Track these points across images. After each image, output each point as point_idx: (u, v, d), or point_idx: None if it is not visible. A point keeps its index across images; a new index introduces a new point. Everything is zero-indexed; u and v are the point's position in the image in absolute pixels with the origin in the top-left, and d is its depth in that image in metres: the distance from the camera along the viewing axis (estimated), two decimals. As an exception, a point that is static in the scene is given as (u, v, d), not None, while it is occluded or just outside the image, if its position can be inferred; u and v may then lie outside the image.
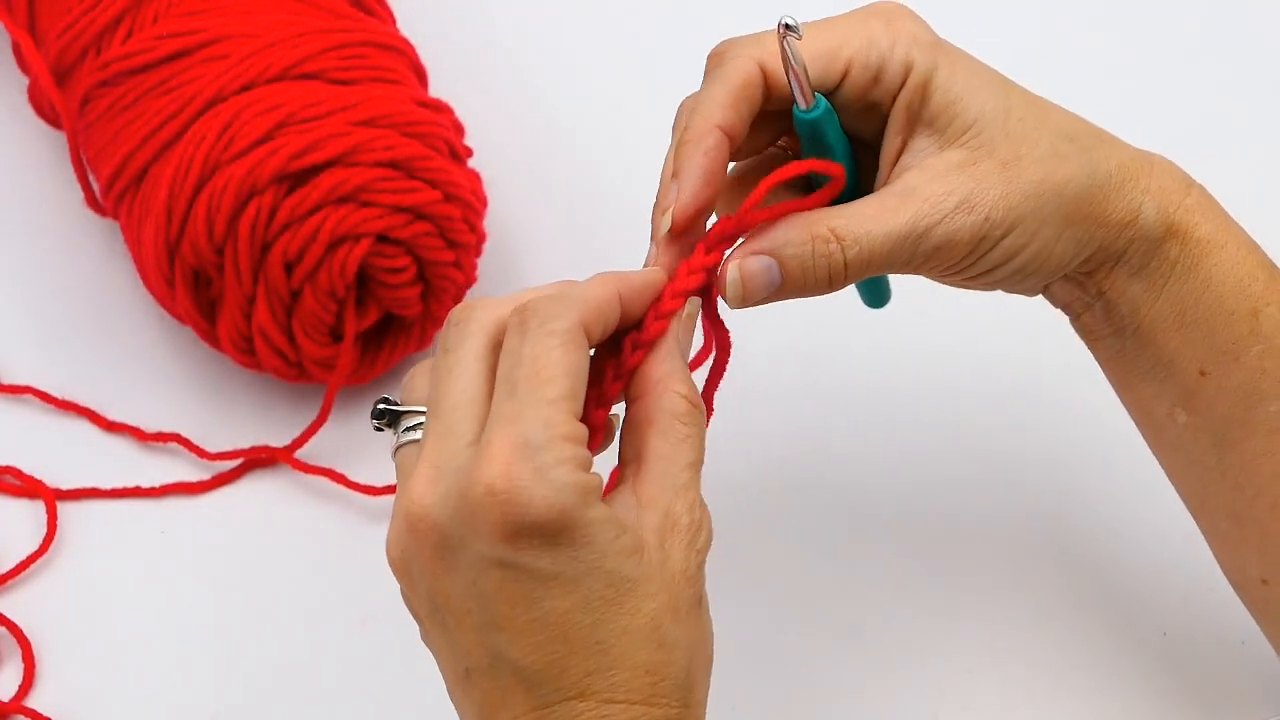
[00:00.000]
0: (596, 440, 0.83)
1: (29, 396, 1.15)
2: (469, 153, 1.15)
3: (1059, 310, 0.93)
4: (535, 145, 1.24)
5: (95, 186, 1.15)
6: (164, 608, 1.08)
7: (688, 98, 0.88)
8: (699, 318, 0.86)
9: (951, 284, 0.91)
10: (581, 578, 0.78)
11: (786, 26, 0.83)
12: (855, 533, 1.08)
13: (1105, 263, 0.90)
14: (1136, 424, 0.94)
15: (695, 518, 0.81)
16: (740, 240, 0.86)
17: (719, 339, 0.88)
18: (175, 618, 1.07)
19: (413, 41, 1.17)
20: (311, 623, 1.07)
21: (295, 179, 1.07)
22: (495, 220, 1.17)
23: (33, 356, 1.16)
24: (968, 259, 0.87)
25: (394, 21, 1.19)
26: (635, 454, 0.82)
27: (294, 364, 1.11)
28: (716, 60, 0.86)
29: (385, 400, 0.84)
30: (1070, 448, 1.11)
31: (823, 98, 0.86)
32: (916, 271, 0.88)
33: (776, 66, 0.86)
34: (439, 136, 1.10)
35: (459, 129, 1.16)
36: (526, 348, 0.79)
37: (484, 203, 1.14)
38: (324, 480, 1.11)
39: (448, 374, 0.81)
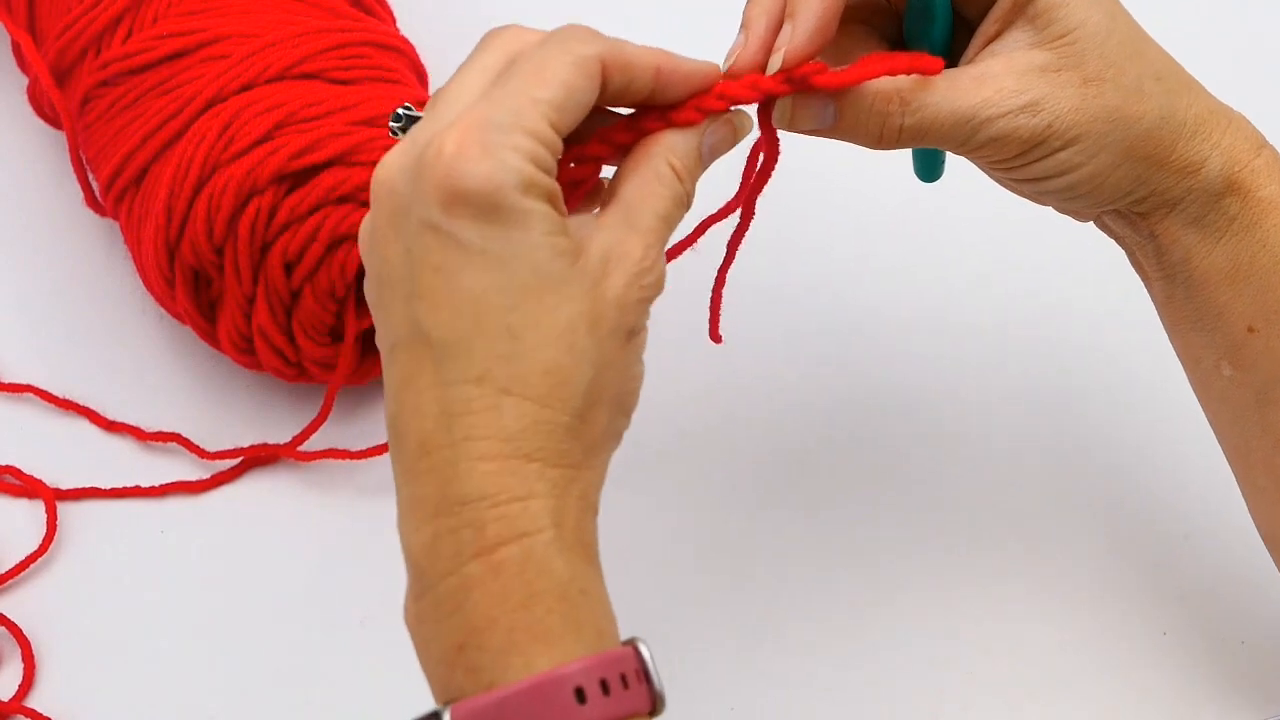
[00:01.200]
0: (577, 197, 0.84)
1: (29, 396, 1.15)
2: (469, 153, 1.15)
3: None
4: (535, 145, 1.24)
5: (95, 186, 1.15)
6: (164, 608, 1.08)
7: None
8: (735, 142, 0.86)
9: (1002, 183, 0.91)
10: (507, 260, 0.78)
11: None
12: (854, 533, 1.08)
13: (1160, 207, 0.90)
14: (1186, 372, 0.94)
15: (649, 259, 0.81)
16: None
17: (769, 146, 0.88)
18: (175, 618, 1.07)
19: (413, 41, 1.17)
20: (311, 623, 1.07)
21: (295, 179, 1.07)
22: (495, 220, 1.17)
23: (33, 356, 1.16)
24: (1020, 159, 0.88)
25: (394, 21, 1.19)
26: (611, 193, 0.82)
27: (294, 364, 1.11)
28: None
29: (408, 107, 0.85)
30: (1069, 448, 1.11)
31: None
32: (969, 155, 0.89)
33: None
34: (439, 136, 1.10)
35: (459, 129, 1.16)
36: (539, 52, 0.80)
37: (484, 202, 1.14)
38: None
39: (460, 73, 0.82)
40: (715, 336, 0.94)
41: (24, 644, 1.06)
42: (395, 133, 0.85)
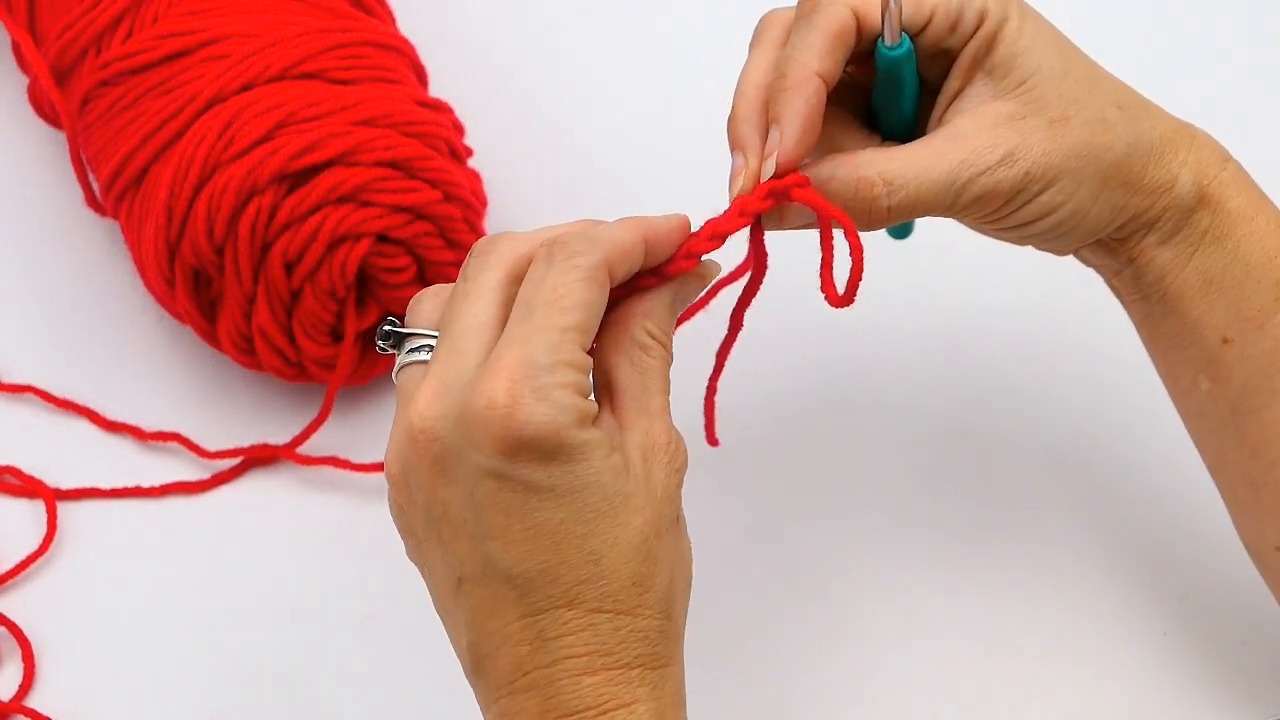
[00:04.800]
0: None
1: (29, 396, 1.15)
2: (469, 153, 1.15)
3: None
4: (535, 145, 1.24)
5: (95, 186, 1.15)
6: (164, 608, 1.08)
7: (770, 12, 0.91)
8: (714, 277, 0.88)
9: (987, 233, 0.94)
10: (576, 491, 0.81)
11: None
12: (853, 532, 1.08)
13: (1138, 230, 0.92)
14: (1167, 390, 0.96)
15: (672, 439, 0.84)
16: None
17: (758, 259, 0.90)
18: (175, 618, 1.07)
19: (413, 41, 1.17)
20: (312, 622, 1.07)
21: (295, 179, 1.07)
22: (495, 220, 1.17)
23: (33, 356, 1.16)
24: (1004, 209, 0.90)
25: (394, 21, 1.19)
26: (606, 381, 0.85)
27: (294, 364, 1.11)
28: (811, 5, 0.89)
29: (392, 322, 0.86)
30: (1069, 448, 1.11)
31: (907, 37, 0.90)
32: (955, 216, 0.91)
33: (867, 12, 0.89)
34: (439, 136, 1.10)
35: (459, 129, 1.16)
36: (550, 277, 0.82)
37: (484, 203, 1.14)
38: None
39: (464, 299, 0.83)
40: (712, 440, 0.97)
41: (24, 644, 1.06)
42: (384, 349, 0.86)
